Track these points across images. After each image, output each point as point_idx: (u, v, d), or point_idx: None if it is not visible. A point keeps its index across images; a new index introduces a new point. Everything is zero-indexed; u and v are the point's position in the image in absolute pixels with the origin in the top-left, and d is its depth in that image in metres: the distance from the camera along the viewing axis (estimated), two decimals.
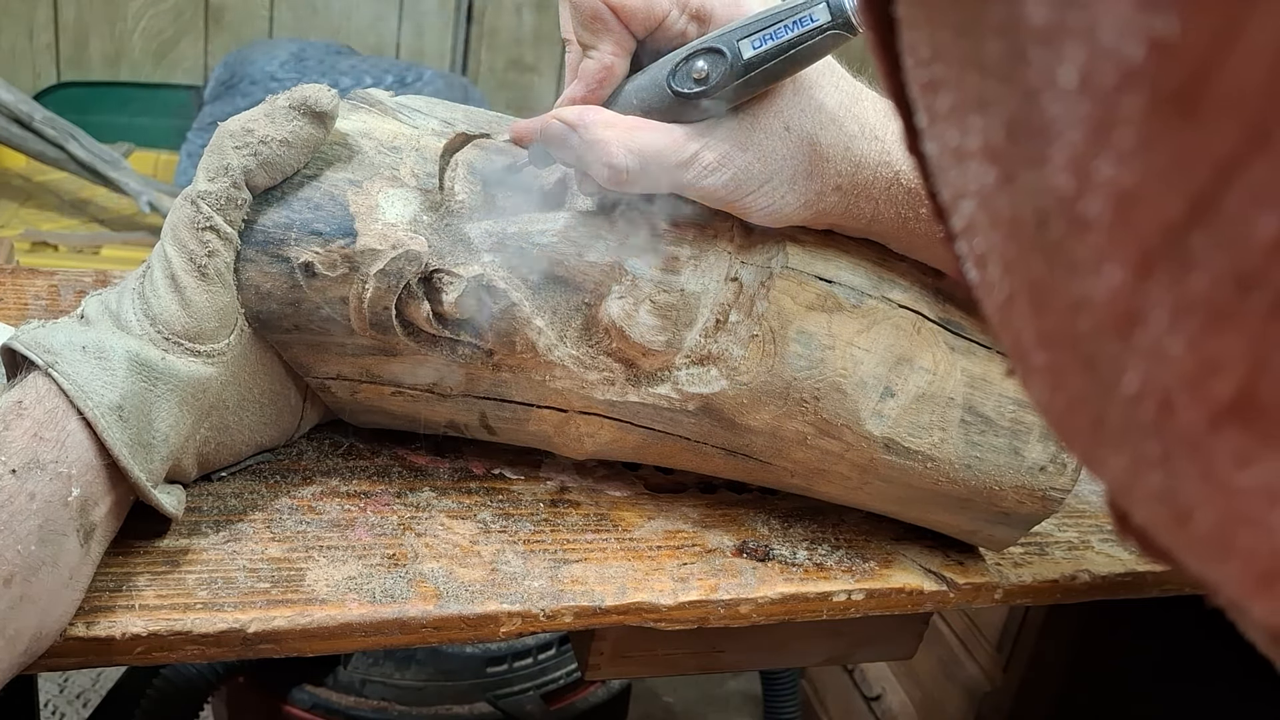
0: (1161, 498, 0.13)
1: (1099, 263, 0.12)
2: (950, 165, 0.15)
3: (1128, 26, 0.11)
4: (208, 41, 2.08)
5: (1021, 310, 0.14)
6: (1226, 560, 0.12)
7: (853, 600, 0.56)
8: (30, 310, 0.67)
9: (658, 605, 0.52)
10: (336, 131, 0.52)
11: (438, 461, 0.59)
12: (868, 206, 0.51)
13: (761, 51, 0.47)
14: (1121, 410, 0.13)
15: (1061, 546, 0.63)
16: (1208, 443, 0.12)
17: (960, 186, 0.15)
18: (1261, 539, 0.12)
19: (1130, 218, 0.12)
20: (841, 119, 0.50)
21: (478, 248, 0.52)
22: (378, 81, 1.87)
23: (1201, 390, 0.11)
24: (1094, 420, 0.14)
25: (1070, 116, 0.12)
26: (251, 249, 0.50)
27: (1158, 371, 0.12)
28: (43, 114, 1.64)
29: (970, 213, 0.14)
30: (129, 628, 0.45)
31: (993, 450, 0.53)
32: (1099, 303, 0.12)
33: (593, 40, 0.50)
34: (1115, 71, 0.11)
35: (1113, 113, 0.11)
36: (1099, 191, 0.12)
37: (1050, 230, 0.13)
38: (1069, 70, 0.12)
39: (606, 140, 0.48)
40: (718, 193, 0.50)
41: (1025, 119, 0.13)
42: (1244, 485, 0.11)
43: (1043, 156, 0.12)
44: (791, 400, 0.52)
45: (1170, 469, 0.12)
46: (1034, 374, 0.15)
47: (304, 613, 0.47)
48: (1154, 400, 0.12)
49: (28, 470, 0.42)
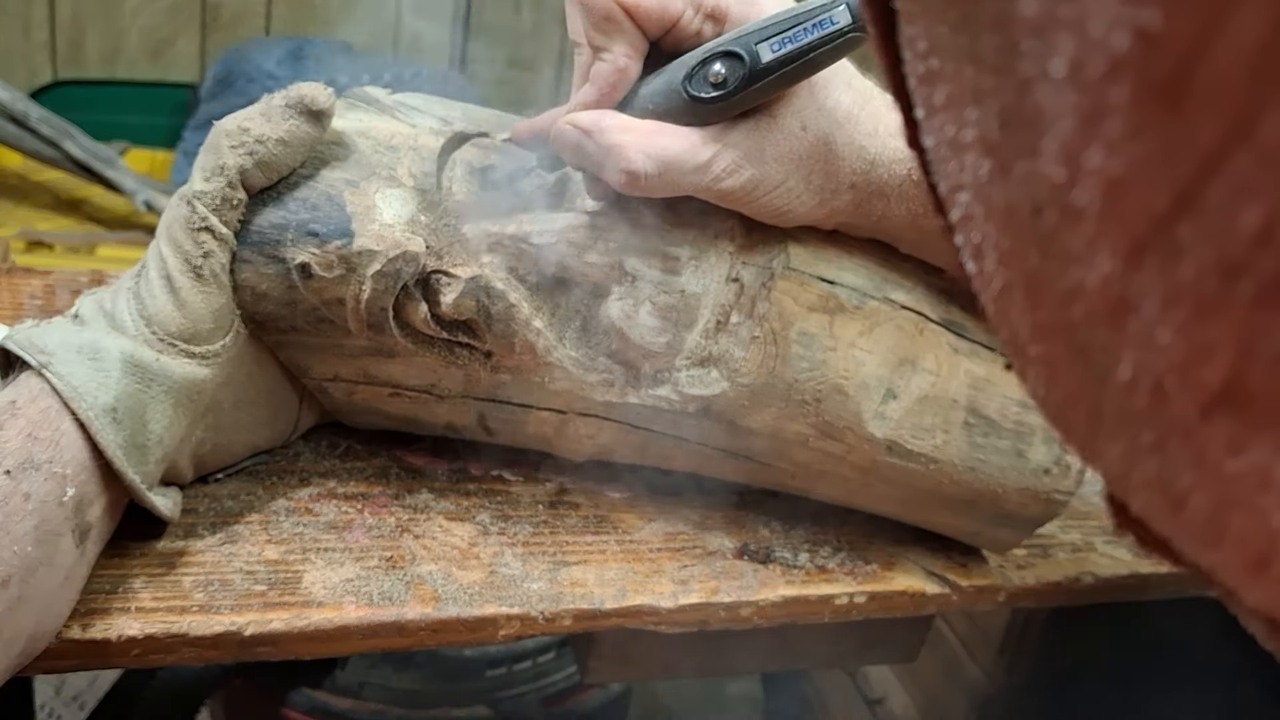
0: (1157, 485, 0.13)
1: (1091, 252, 0.12)
2: (948, 157, 0.15)
3: (1115, 17, 0.11)
4: (204, 39, 2.07)
5: (1018, 301, 0.14)
6: (1220, 546, 0.12)
7: (855, 603, 0.55)
8: (26, 310, 0.66)
9: (658, 608, 0.52)
10: (333, 130, 0.52)
11: (436, 463, 0.58)
12: (879, 204, 0.51)
13: (781, 55, 0.46)
14: (1116, 399, 0.13)
15: (1065, 549, 0.62)
16: (1199, 430, 0.12)
17: (957, 178, 0.15)
18: (1254, 524, 0.12)
19: (1120, 207, 0.12)
20: (856, 117, 0.50)
21: (476, 248, 0.51)
22: (375, 79, 1.87)
23: (1192, 378, 0.12)
24: (1090, 411, 0.14)
25: (1061, 107, 0.12)
26: (247, 250, 0.49)
27: (1149, 360, 0.12)
28: (38, 112, 1.63)
29: (967, 204, 0.15)
30: (125, 630, 0.45)
31: (996, 452, 0.53)
32: (1091, 292, 0.13)
33: (605, 42, 0.49)
34: (1104, 62, 0.11)
35: (1102, 103, 0.11)
36: (1089, 181, 0.12)
37: (1043, 220, 0.13)
38: (1060, 61, 0.12)
39: (624, 145, 0.47)
40: (735, 194, 0.49)
41: (1019, 110, 0.13)
42: (1235, 471, 0.12)
43: (1036, 147, 0.13)
44: (793, 402, 0.52)
45: (1164, 456, 0.13)
46: (1031, 366, 0.15)
47: (301, 615, 0.47)
48: (1147, 388, 0.12)
49: (22, 470, 0.42)
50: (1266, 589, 0.12)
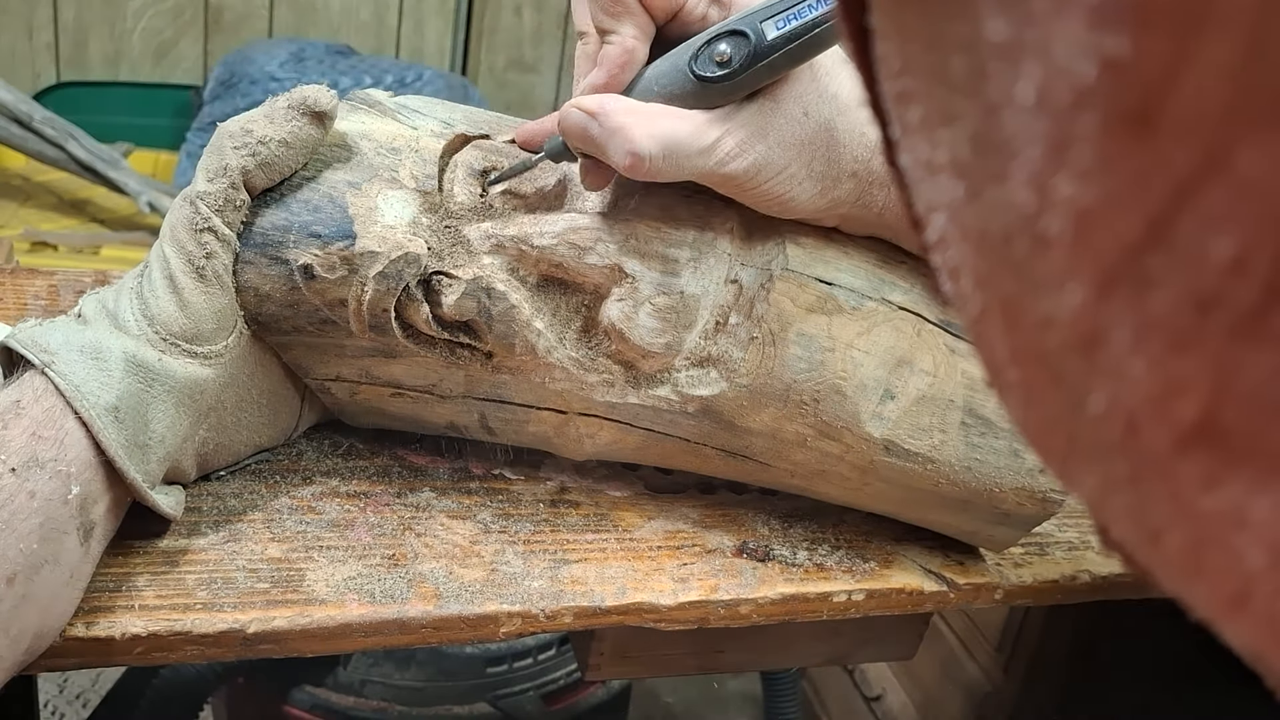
0: (1132, 518, 0.13)
1: (1061, 281, 0.12)
2: (922, 178, 0.15)
3: (1080, 45, 0.11)
4: (207, 41, 2.08)
5: (994, 325, 0.14)
6: (1196, 582, 0.12)
7: (853, 600, 0.56)
8: (29, 310, 0.67)
9: (658, 605, 0.52)
10: (335, 133, 0.52)
11: (437, 462, 0.59)
12: (880, 195, 0.51)
13: (785, 32, 0.47)
14: (1090, 429, 0.13)
15: (1062, 547, 0.63)
16: (1173, 465, 0.12)
17: (932, 199, 0.15)
18: (1229, 562, 0.11)
19: (1090, 237, 0.11)
20: (856, 105, 0.50)
21: (477, 250, 0.52)
22: (377, 81, 1.87)
23: (1165, 412, 0.11)
24: (1066, 438, 0.14)
25: (1029, 133, 0.12)
26: (250, 251, 0.50)
27: (1122, 392, 0.12)
28: (42, 114, 1.64)
29: (942, 226, 0.14)
30: (128, 628, 0.45)
31: (993, 452, 0.53)
32: (1063, 321, 0.12)
33: (613, 25, 0.49)
34: (1069, 89, 0.11)
35: (1069, 131, 0.11)
36: (1059, 210, 0.12)
37: (1015, 247, 0.13)
38: (1026, 87, 0.11)
39: (628, 127, 0.47)
40: (738, 179, 0.49)
41: (988, 134, 0.12)
42: (1210, 508, 0.11)
43: (1005, 172, 0.12)
44: (791, 402, 0.52)
45: (1139, 490, 0.12)
46: (1008, 389, 0.15)
47: (304, 613, 0.47)
48: (1120, 421, 0.12)
49: (27, 469, 0.42)
50: (1243, 626, 0.12)
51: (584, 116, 0.48)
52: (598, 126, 0.48)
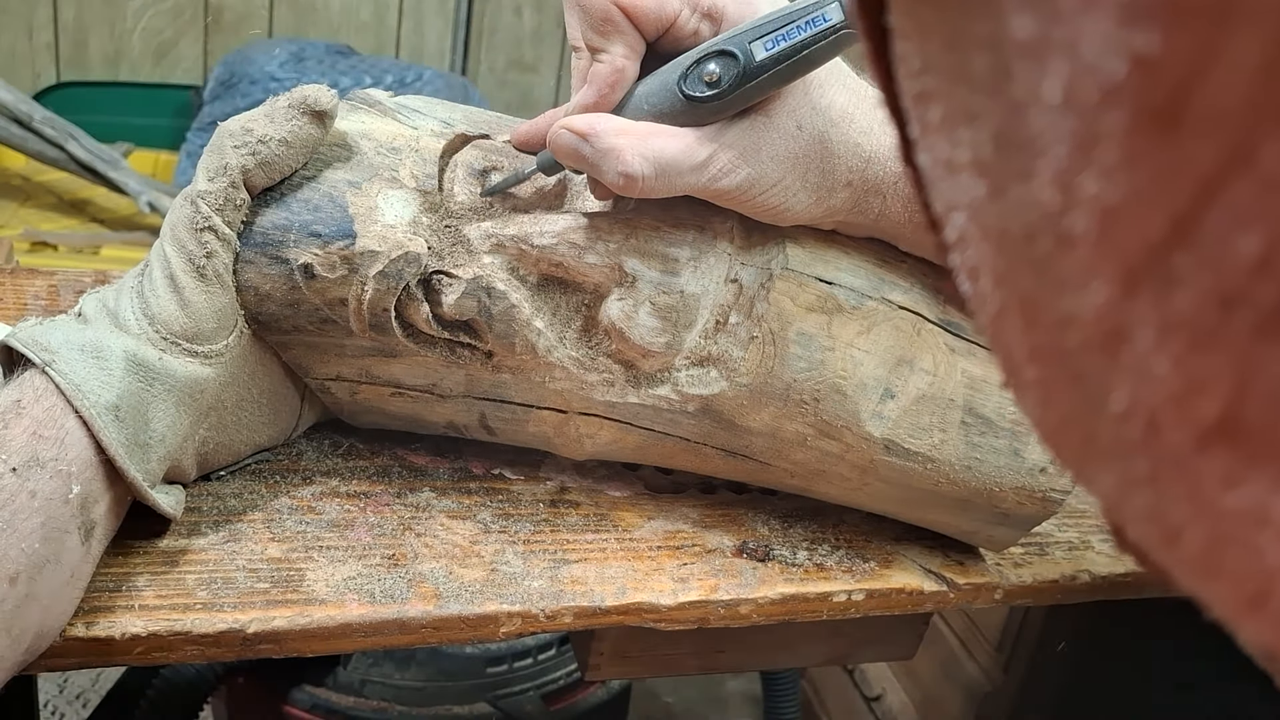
0: (1151, 517, 0.13)
1: (1085, 279, 0.12)
2: (942, 177, 0.15)
3: (1110, 42, 0.11)
4: (207, 41, 2.08)
5: (1013, 324, 0.14)
6: (1215, 581, 0.12)
7: (853, 600, 0.56)
8: (29, 310, 0.67)
9: (658, 605, 0.52)
10: (335, 132, 0.52)
11: (437, 462, 0.59)
12: (876, 202, 0.51)
13: (774, 53, 0.47)
14: (1110, 428, 0.13)
15: (1062, 547, 0.63)
16: (1195, 463, 0.12)
17: (952, 199, 0.14)
18: (1250, 561, 0.11)
19: (1115, 235, 0.11)
20: (851, 115, 0.50)
21: (477, 249, 0.52)
22: (377, 81, 1.87)
23: (1187, 410, 0.11)
24: (1084, 437, 0.14)
25: (1055, 132, 0.12)
26: (250, 250, 0.50)
27: (1144, 390, 0.12)
28: (42, 114, 1.64)
29: (962, 225, 0.14)
30: (128, 628, 0.45)
31: (993, 452, 0.53)
32: (1086, 320, 0.12)
33: (603, 43, 0.49)
34: (1098, 87, 0.11)
35: (1096, 129, 0.11)
36: (1084, 207, 0.12)
37: (1038, 245, 0.13)
38: (1053, 85, 0.11)
39: (620, 148, 0.48)
40: (731, 194, 0.49)
41: (1012, 133, 0.12)
42: (1231, 506, 0.11)
43: (1029, 171, 0.12)
44: (791, 402, 0.52)
45: (1159, 489, 0.12)
46: (1026, 388, 0.15)
47: (303, 613, 0.47)
48: (1141, 419, 0.12)
49: (28, 468, 0.42)
50: (1262, 625, 0.12)
51: (574, 137, 0.48)
52: (589, 148, 0.48)
